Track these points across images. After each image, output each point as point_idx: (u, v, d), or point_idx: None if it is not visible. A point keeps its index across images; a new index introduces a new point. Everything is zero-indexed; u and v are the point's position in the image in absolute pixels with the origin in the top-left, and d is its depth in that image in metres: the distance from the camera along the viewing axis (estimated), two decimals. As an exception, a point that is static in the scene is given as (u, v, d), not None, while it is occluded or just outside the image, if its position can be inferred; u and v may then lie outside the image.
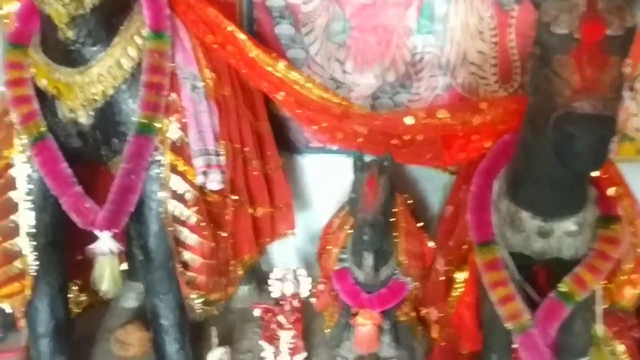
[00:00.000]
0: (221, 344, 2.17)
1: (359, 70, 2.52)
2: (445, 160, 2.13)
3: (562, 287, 1.75)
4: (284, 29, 2.51)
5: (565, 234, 1.73)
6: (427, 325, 2.18)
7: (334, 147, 2.54)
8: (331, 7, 2.47)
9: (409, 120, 2.02)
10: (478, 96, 2.45)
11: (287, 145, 2.62)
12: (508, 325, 1.76)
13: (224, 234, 2.09)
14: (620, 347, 1.95)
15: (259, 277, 2.53)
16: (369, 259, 1.94)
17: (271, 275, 2.15)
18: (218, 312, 2.19)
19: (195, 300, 2.01)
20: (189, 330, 2.08)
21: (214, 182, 1.99)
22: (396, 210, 2.06)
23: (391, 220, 2.00)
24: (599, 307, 1.81)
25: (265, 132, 2.35)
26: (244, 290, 2.45)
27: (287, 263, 2.46)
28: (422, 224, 2.31)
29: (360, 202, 1.87)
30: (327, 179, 2.64)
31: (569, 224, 1.72)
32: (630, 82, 2.38)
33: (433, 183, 2.56)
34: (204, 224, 2.00)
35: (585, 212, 1.73)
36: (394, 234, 2.03)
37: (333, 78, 2.53)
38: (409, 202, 2.25)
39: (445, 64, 2.44)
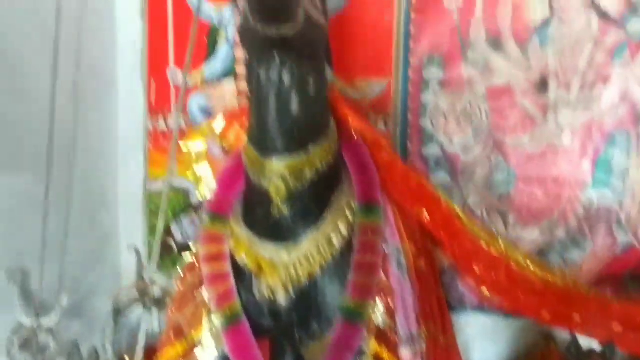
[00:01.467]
0: None
1: (523, 224, 2.28)
2: None
3: None
4: (440, 178, 2.34)
5: None
6: None
7: (490, 307, 2.27)
8: (493, 157, 2.29)
9: None
10: (664, 258, 2.14)
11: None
12: None
13: None
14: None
15: None
16: None
17: None
18: None
19: None
20: None
21: None
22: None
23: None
24: None
25: (442, 299, 2.08)
26: None
27: None
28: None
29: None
30: (482, 342, 2.34)
31: None
32: None
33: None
34: None
35: None
36: None
37: (495, 231, 2.31)
38: None
39: (625, 221, 2.17)
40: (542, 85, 2.21)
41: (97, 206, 2.72)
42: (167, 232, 2.68)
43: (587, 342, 1.88)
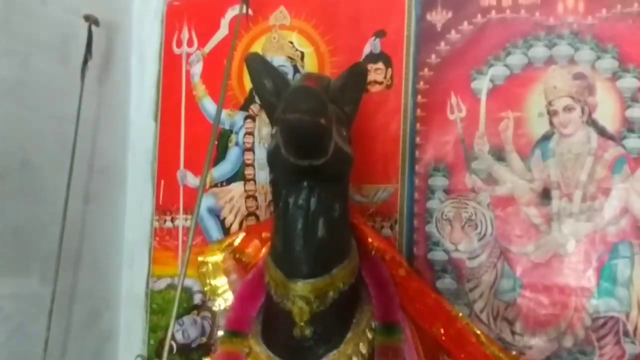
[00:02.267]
0: None
1: (530, 332, 2.25)
2: None
3: None
4: (446, 284, 2.34)
5: None
6: None
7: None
8: (499, 264, 2.30)
9: None
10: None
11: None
12: None
13: None
14: None
15: None
16: None
17: None
18: None
19: None
20: None
21: None
22: None
23: None
24: None
25: None
26: None
27: None
28: None
29: None
30: None
31: None
32: None
33: None
34: None
35: None
36: None
37: (501, 338, 2.27)
38: None
39: (632, 331, 2.15)
40: (545, 195, 2.25)
41: (100, 306, 2.67)
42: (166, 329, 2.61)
43: None
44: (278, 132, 1.50)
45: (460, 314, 1.94)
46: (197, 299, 2.67)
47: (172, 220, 2.75)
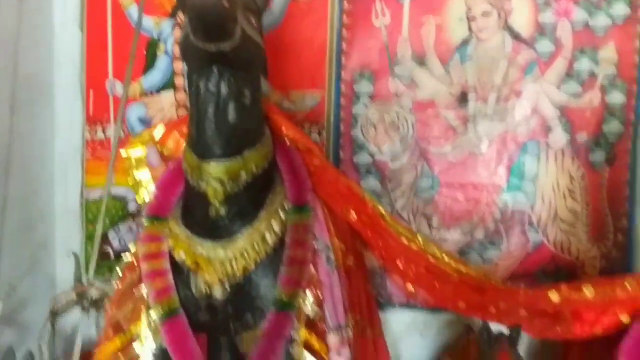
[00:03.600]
0: None
1: (446, 226, 2.38)
2: (577, 334, 1.89)
3: None
4: (369, 184, 2.42)
5: None
6: None
7: (417, 303, 2.35)
8: (419, 165, 2.39)
9: (554, 297, 1.83)
10: (571, 255, 2.29)
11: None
12: None
13: None
14: None
15: None
16: None
17: None
18: None
19: None
20: None
21: (343, 357, 1.77)
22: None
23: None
24: None
25: (371, 295, 2.16)
26: None
27: None
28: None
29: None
30: (410, 336, 2.42)
31: None
32: None
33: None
34: None
35: None
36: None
37: (419, 232, 2.40)
38: None
39: (536, 221, 2.30)
40: (463, 98, 2.33)
41: (34, 215, 2.63)
42: (104, 239, 2.63)
43: (497, 327, 1.97)
44: (186, 21, 1.51)
45: (368, 197, 2.02)
46: (132, 207, 2.68)
47: (104, 130, 2.70)
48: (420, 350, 2.39)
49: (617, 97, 2.22)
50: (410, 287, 2.06)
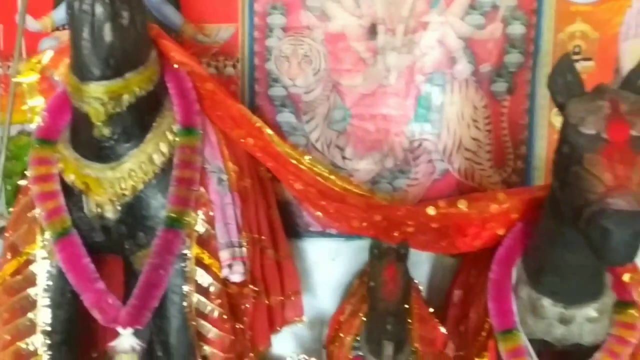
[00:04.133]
0: None
1: (359, 157, 2.45)
2: (460, 247, 2.04)
3: None
4: (285, 117, 2.45)
5: (586, 320, 1.65)
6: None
7: (333, 231, 2.44)
8: (332, 97, 2.43)
9: (430, 211, 1.94)
10: (474, 181, 2.40)
11: (286, 230, 2.50)
12: None
13: (241, 326, 1.94)
14: None
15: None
16: (389, 348, 1.81)
17: (282, 366, 1.98)
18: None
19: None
20: None
21: (237, 274, 1.86)
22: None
23: (406, 307, 1.88)
24: None
25: (276, 220, 2.24)
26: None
27: (285, 350, 2.30)
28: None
29: (380, 290, 1.75)
30: (326, 263, 2.52)
31: (590, 310, 1.65)
32: None
33: (432, 265, 2.45)
34: (225, 317, 1.84)
35: (604, 298, 1.67)
36: (409, 320, 1.89)
37: (333, 164, 2.45)
38: (420, 287, 2.13)
39: (442, 150, 2.39)
40: (372, 30, 2.35)
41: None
42: (23, 175, 2.60)
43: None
44: None
45: (257, 120, 2.06)
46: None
47: (17, 66, 2.63)
48: (334, 277, 2.48)
49: (517, 29, 2.28)
50: (311, 209, 2.14)
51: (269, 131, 2.03)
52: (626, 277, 1.71)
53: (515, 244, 1.82)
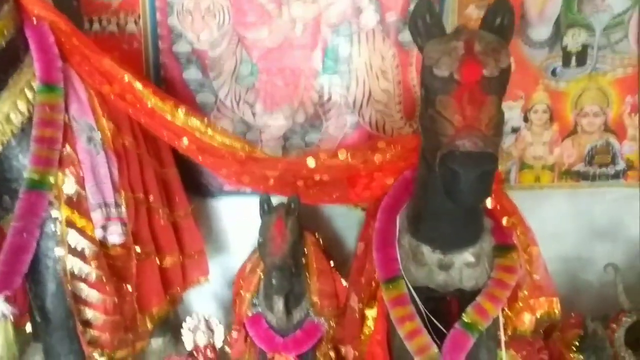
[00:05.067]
0: (135, 401, 1.95)
1: (269, 112, 2.38)
2: (352, 199, 2.01)
3: (466, 318, 1.65)
4: (192, 74, 2.35)
5: (465, 265, 1.65)
6: (348, 364, 2.01)
7: (247, 190, 2.38)
8: (238, 51, 2.34)
9: (310, 163, 1.89)
10: (385, 133, 2.36)
11: (200, 189, 2.44)
12: (417, 359, 1.64)
13: (130, 288, 1.88)
14: (528, 371, 1.86)
15: (174, 327, 2.28)
16: (279, 303, 1.79)
17: (183, 326, 1.93)
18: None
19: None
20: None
21: (114, 234, 1.79)
22: (307, 250, 1.91)
23: (302, 261, 1.85)
24: (502, 335, 1.71)
25: (173, 179, 2.16)
26: (158, 343, 2.20)
27: (204, 310, 2.26)
28: (335, 262, 2.16)
29: (268, 245, 1.71)
30: (242, 222, 2.46)
31: (467, 256, 1.64)
32: (525, 113, 2.36)
33: (347, 220, 2.43)
34: (105, 279, 1.78)
35: (482, 242, 1.66)
36: (306, 274, 1.87)
37: (243, 121, 2.39)
38: (320, 241, 2.10)
39: (352, 103, 2.34)
40: (276, -19, 2.26)
41: None
42: None
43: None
44: None
45: (129, 75, 1.94)
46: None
47: None
48: (250, 235, 2.43)
49: (421, -25, 2.22)
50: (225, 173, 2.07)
51: (139, 85, 1.92)
52: (505, 221, 1.70)
53: (400, 192, 1.80)
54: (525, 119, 2.37)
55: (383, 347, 1.74)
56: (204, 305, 2.44)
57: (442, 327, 1.66)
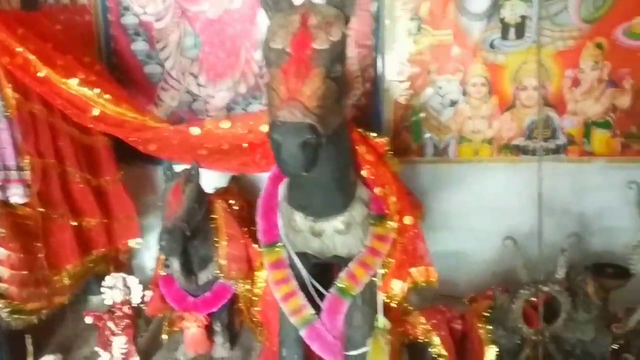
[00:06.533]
0: (61, 351, 2.04)
1: (212, 83, 2.42)
2: (251, 167, 2.03)
3: (339, 283, 1.67)
4: (139, 46, 2.42)
5: (335, 233, 1.65)
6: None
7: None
8: (182, 24, 2.38)
9: (195, 131, 1.91)
10: (324, 105, 2.36)
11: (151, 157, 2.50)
12: (292, 319, 1.66)
13: (39, 245, 1.95)
14: (436, 339, 1.85)
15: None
16: (174, 264, 1.85)
17: (103, 284, 2.01)
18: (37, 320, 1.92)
19: (4, 310, 1.85)
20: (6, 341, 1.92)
21: (15, 196, 1.87)
22: (217, 216, 1.94)
23: (208, 226, 1.90)
24: (380, 300, 1.71)
25: (101, 146, 2.22)
26: (98, 299, 2.29)
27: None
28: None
29: (164, 210, 1.76)
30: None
31: (337, 223, 1.64)
32: (464, 86, 2.33)
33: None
34: (10, 237, 1.84)
35: (352, 211, 1.66)
36: (215, 239, 1.90)
37: (189, 91, 2.44)
38: (234, 207, 2.12)
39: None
40: (215, -48, 2.28)
41: None
42: None
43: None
44: None
45: (20, 48, 1.91)
46: None
47: None
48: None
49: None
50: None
51: (31, 56, 1.90)
52: (377, 191, 1.68)
53: None
54: (464, 93, 2.34)
55: (274, 308, 1.77)
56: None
57: (324, 291, 1.69)
